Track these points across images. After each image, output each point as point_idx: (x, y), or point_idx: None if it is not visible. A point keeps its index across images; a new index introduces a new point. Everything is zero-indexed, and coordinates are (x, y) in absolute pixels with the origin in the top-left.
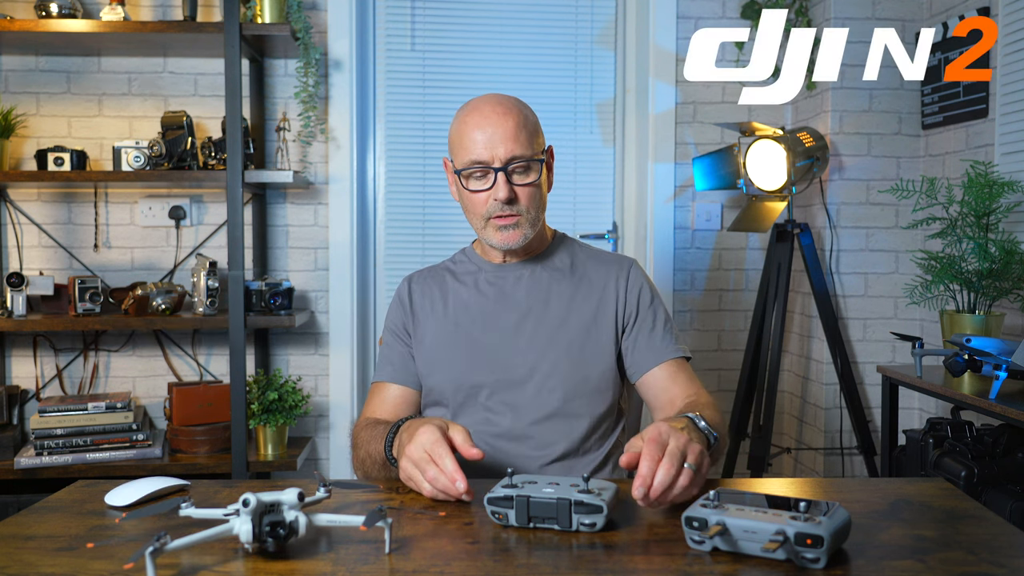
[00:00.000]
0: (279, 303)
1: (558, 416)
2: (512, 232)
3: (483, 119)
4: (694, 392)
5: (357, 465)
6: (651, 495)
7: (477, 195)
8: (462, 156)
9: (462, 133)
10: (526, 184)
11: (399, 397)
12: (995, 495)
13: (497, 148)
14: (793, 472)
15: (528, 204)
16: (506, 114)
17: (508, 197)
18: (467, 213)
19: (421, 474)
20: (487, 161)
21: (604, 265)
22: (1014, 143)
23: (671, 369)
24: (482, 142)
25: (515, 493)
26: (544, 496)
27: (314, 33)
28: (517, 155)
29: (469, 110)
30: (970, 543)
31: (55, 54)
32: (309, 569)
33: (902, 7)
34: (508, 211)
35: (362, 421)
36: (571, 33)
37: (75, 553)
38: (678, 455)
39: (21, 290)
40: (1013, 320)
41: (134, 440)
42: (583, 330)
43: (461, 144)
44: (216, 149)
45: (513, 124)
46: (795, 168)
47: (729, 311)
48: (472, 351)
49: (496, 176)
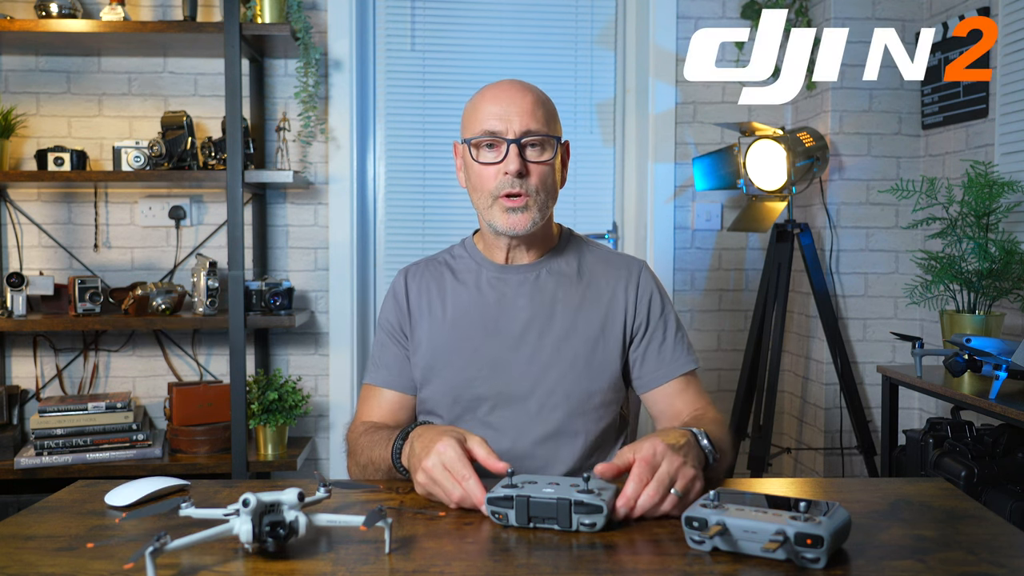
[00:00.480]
0: (279, 303)
1: (561, 435)
2: (520, 216)
3: (501, 92)
4: (701, 407)
5: (357, 472)
6: (631, 515)
7: (486, 168)
8: (474, 126)
9: (477, 106)
10: (539, 162)
11: (396, 403)
12: (995, 495)
13: (512, 120)
14: (793, 472)
15: (539, 184)
16: (525, 91)
17: (519, 170)
18: (472, 192)
19: (445, 493)
20: (500, 132)
21: (613, 269)
22: (1014, 143)
23: (680, 385)
24: (497, 113)
25: (515, 493)
26: (544, 496)
27: (314, 33)
28: (532, 129)
29: (487, 88)
30: (970, 543)
31: (55, 54)
32: (309, 569)
33: (902, 7)
34: (518, 188)
35: (358, 426)
36: (571, 33)
37: (75, 553)
38: (667, 481)
39: (21, 290)
40: (1013, 320)
41: (134, 440)
42: (589, 343)
43: (475, 115)
44: (216, 149)
45: (531, 101)
46: (795, 168)
47: (729, 311)
48: (471, 361)
49: (508, 148)
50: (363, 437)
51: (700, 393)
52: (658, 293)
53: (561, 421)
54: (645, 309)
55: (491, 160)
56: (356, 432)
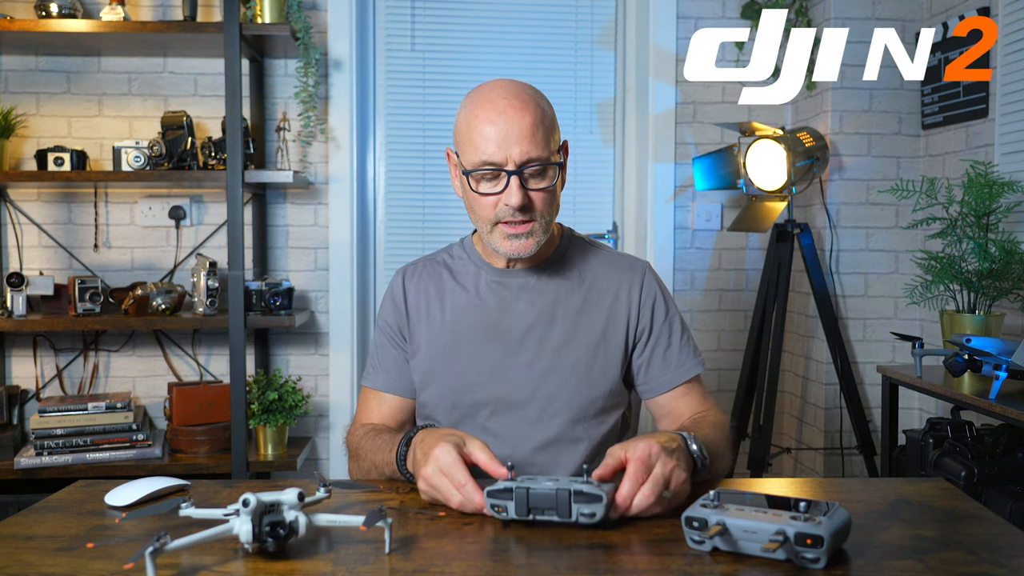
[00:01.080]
0: (279, 303)
1: (562, 441)
2: (523, 242)
3: (497, 114)
4: (703, 410)
5: (360, 476)
6: (626, 513)
7: (486, 198)
8: (471, 154)
9: (472, 127)
10: (541, 189)
11: (396, 406)
12: (995, 495)
13: (512, 148)
14: (793, 472)
15: (543, 209)
16: (523, 109)
17: (522, 203)
18: (472, 214)
19: (446, 500)
20: (500, 163)
21: (615, 272)
22: (1014, 143)
23: (684, 389)
24: (495, 140)
25: (515, 485)
26: (543, 488)
27: (314, 33)
28: (533, 157)
29: (480, 100)
30: (970, 543)
31: (55, 54)
32: (309, 569)
33: (902, 7)
34: (520, 217)
35: (358, 429)
36: (571, 33)
37: (75, 553)
38: (661, 482)
39: (21, 290)
40: (1013, 320)
41: (134, 440)
42: (591, 348)
43: (470, 140)
44: (216, 149)
45: (530, 121)
46: (795, 168)
47: (729, 311)
48: (471, 366)
49: (509, 180)
50: (365, 441)
51: (703, 396)
52: (662, 296)
53: (562, 427)
54: (649, 313)
55: (490, 191)
56: (356, 436)
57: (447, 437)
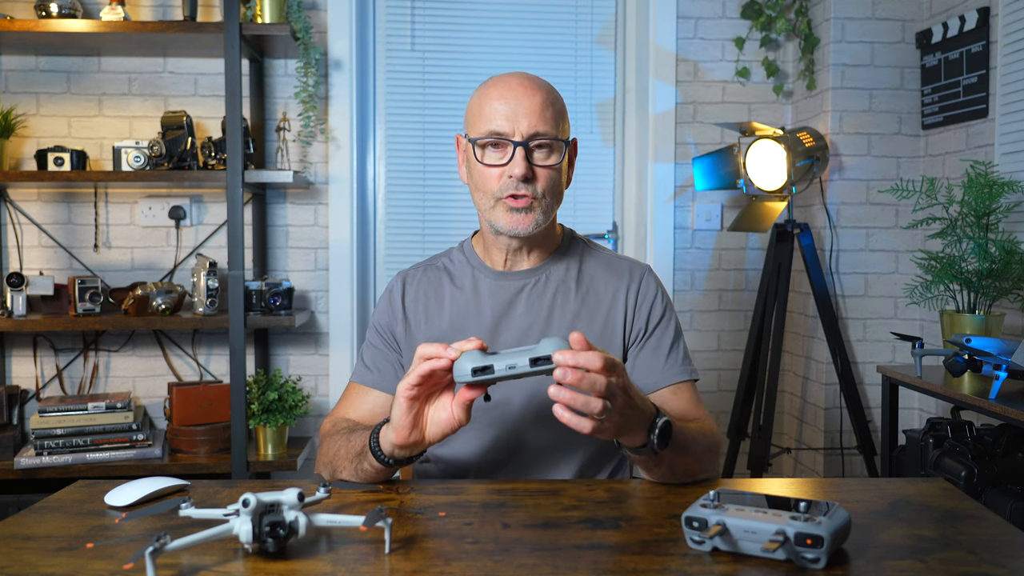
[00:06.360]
0: (279, 303)
1: (559, 446)
2: (524, 216)
3: (508, 90)
4: (694, 417)
5: (324, 460)
6: (561, 379)
7: (490, 170)
8: (480, 126)
9: (482, 103)
10: (546, 165)
11: (379, 404)
12: (995, 495)
13: (520, 121)
14: (793, 472)
15: (545, 188)
16: (534, 89)
17: (525, 175)
18: (475, 192)
19: (421, 375)
20: (507, 133)
21: (614, 275)
22: (1014, 143)
23: (670, 393)
24: (504, 112)
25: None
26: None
27: (314, 33)
28: (541, 132)
29: (494, 82)
30: (970, 543)
31: (55, 54)
32: (309, 569)
33: (902, 7)
34: (523, 190)
35: (331, 426)
36: (571, 33)
37: (75, 553)
38: (607, 388)
39: (21, 290)
40: (1013, 320)
41: (134, 440)
42: None
43: (480, 113)
44: (216, 149)
45: (540, 100)
46: (795, 168)
47: (729, 311)
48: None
49: (515, 150)
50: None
51: (696, 404)
52: (660, 300)
53: (559, 432)
54: (644, 315)
55: (496, 162)
56: (329, 432)
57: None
